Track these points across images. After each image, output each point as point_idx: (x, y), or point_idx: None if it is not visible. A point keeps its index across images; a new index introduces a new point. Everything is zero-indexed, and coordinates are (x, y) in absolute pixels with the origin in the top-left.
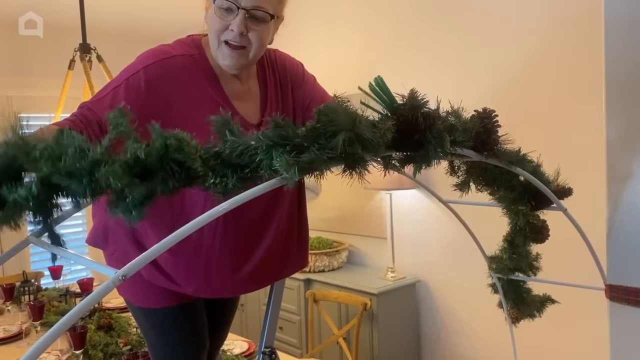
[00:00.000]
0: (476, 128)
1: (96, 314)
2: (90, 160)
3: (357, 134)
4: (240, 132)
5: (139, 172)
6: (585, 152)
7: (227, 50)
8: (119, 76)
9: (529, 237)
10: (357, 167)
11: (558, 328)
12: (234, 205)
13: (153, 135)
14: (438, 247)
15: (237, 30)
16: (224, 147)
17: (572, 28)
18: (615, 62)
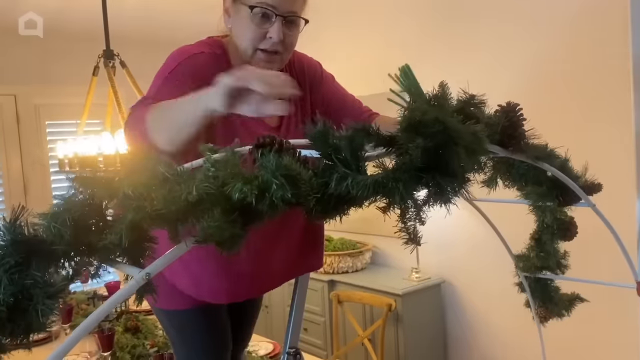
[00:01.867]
0: (501, 122)
1: (123, 316)
2: (183, 202)
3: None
4: None
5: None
6: (614, 147)
7: (264, 57)
8: (156, 80)
9: (557, 234)
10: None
11: (588, 327)
12: None
13: (261, 171)
14: (463, 246)
15: (277, 38)
16: (334, 187)
17: (599, 20)
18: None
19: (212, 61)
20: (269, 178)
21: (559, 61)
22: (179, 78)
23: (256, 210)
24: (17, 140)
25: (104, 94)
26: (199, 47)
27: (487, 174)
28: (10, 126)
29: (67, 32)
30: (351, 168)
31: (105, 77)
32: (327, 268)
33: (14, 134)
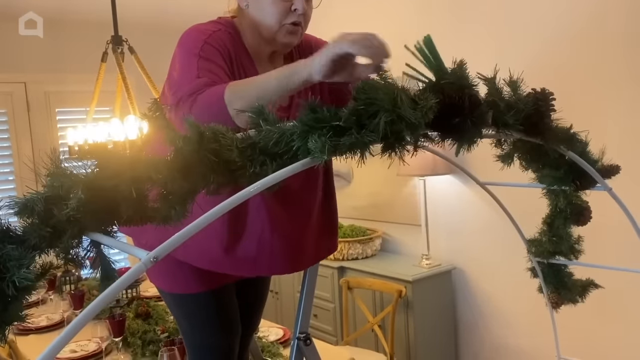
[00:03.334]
0: (528, 109)
1: (134, 302)
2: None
3: (399, 114)
4: (275, 119)
5: (178, 166)
6: (628, 130)
7: (292, 28)
8: (186, 59)
9: (570, 219)
10: (397, 148)
11: (602, 313)
12: (265, 186)
13: (188, 127)
14: (474, 233)
15: (301, 9)
16: (259, 136)
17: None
18: None
19: (230, 38)
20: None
21: (572, 41)
22: (212, 53)
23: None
24: (27, 127)
25: (113, 80)
26: (215, 25)
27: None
28: (20, 113)
29: (76, 19)
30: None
31: (114, 64)
32: (337, 255)
33: (25, 121)
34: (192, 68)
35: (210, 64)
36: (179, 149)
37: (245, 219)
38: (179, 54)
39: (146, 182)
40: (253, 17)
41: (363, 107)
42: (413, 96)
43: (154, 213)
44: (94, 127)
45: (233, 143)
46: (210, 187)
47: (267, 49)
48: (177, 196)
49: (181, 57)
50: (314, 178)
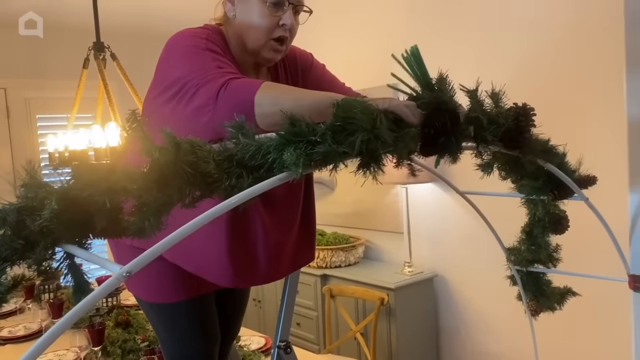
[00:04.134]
0: (508, 124)
1: (114, 311)
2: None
3: (377, 135)
4: (253, 133)
5: (154, 178)
6: (607, 140)
7: (277, 46)
8: (189, 57)
9: (548, 227)
10: (372, 166)
11: (580, 321)
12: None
13: (165, 138)
14: (455, 240)
15: (289, 25)
16: (236, 149)
17: (593, 13)
18: (637, 48)
19: (220, 43)
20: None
21: (553, 51)
22: (217, 49)
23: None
24: (7, 133)
25: (95, 86)
26: (205, 30)
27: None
28: (0, 120)
29: (58, 25)
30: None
31: (96, 70)
32: (320, 262)
33: (4, 128)
34: (207, 60)
35: (223, 59)
36: (155, 160)
37: (247, 231)
38: (182, 52)
39: (121, 193)
40: (239, 28)
41: (340, 124)
42: (394, 119)
43: (129, 225)
44: (74, 134)
45: (210, 155)
46: (186, 200)
47: (250, 60)
48: (152, 208)
49: (187, 53)
50: (297, 188)
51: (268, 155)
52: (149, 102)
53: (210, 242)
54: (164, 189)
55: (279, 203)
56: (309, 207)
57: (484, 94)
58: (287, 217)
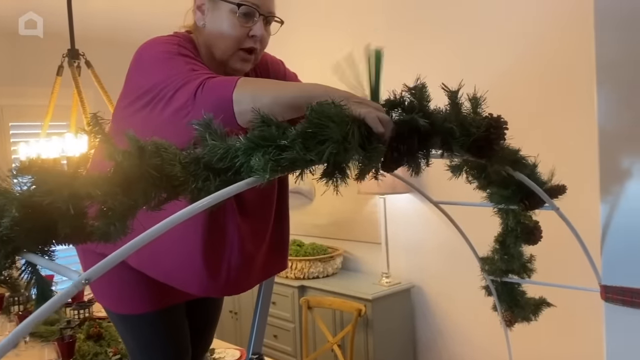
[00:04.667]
0: (478, 133)
1: (86, 323)
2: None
3: (346, 148)
4: (223, 134)
5: (118, 182)
6: (579, 150)
7: (245, 56)
8: (166, 59)
9: (520, 237)
10: (336, 176)
11: (555, 331)
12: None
13: (129, 141)
14: (433, 251)
15: (260, 36)
16: (204, 151)
17: (565, 25)
18: (607, 60)
19: (191, 50)
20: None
21: (526, 63)
22: (189, 54)
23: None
24: None
25: (69, 94)
26: (175, 37)
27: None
28: None
29: None
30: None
31: (70, 78)
32: (298, 273)
33: None
34: (180, 65)
35: (197, 62)
36: (119, 163)
37: (223, 239)
38: (154, 58)
39: (85, 198)
40: (209, 37)
41: (312, 131)
42: (366, 134)
43: (93, 230)
44: (47, 142)
45: (176, 157)
46: (151, 203)
47: (220, 70)
48: (116, 212)
49: (159, 59)
50: (270, 198)
51: (236, 159)
52: (119, 111)
53: (184, 248)
54: (129, 193)
55: (253, 213)
56: (282, 217)
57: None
58: (261, 227)
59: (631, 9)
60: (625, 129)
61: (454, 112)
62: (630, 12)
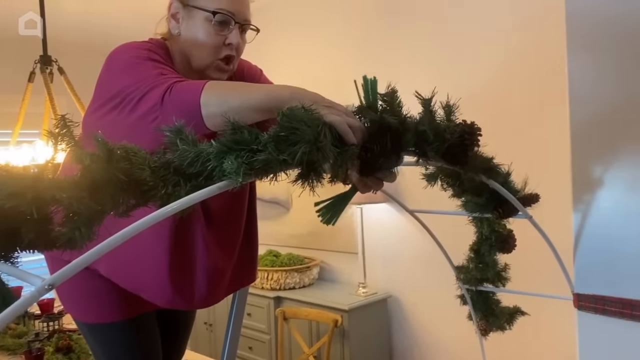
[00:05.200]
0: (452, 139)
1: (55, 336)
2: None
3: (319, 148)
4: (194, 139)
5: (85, 186)
6: (552, 159)
7: (223, 66)
8: (135, 64)
9: (495, 246)
10: (311, 177)
11: (529, 340)
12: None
13: (97, 145)
14: (410, 261)
15: (236, 44)
16: (174, 156)
17: (540, 36)
18: (578, 68)
19: (164, 56)
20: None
21: (501, 71)
22: (159, 59)
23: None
24: None
25: (42, 101)
26: (147, 44)
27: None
28: None
29: (3, 36)
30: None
31: (42, 85)
32: (274, 284)
33: None
34: (148, 69)
35: (166, 67)
36: (87, 166)
37: (189, 251)
38: (124, 63)
39: (49, 202)
40: (184, 46)
41: (284, 135)
42: (337, 135)
43: (58, 235)
44: (17, 149)
45: (145, 162)
46: (119, 209)
47: (195, 77)
48: (83, 217)
49: (128, 64)
50: (239, 209)
51: (208, 163)
52: (88, 116)
53: (150, 258)
54: (96, 198)
55: (222, 227)
56: (252, 228)
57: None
58: (231, 241)
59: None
60: (597, 138)
61: (428, 118)
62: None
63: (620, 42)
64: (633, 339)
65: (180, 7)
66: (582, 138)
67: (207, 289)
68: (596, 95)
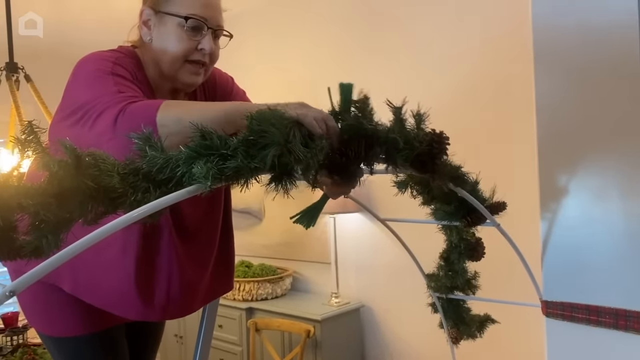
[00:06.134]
0: (421, 148)
1: (19, 350)
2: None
3: (290, 149)
4: (161, 145)
5: (53, 193)
6: (520, 168)
7: (194, 69)
8: (98, 80)
9: (464, 254)
10: (284, 180)
11: (499, 347)
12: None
13: (65, 151)
14: (382, 270)
15: (208, 49)
16: (142, 162)
17: (506, 49)
18: (544, 77)
19: (134, 65)
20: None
21: (469, 81)
22: (124, 74)
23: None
24: None
25: (7, 110)
26: (117, 53)
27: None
28: None
29: None
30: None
31: (7, 92)
32: (246, 295)
33: None
34: (108, 85)
35: (127, 83)
36: (54, 173)
37: (157, 260)
38: (87, 75)
39: (15, 209)
40: (156, 52)
41: (253, 138)
42: (307, 133)
43: (24, 244)
44: None
45: (114, 169)
46: (88, 216)
47: (168, 85)
48: (50, 225)
49: (91, 77)
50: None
51: (177, 169)
52: (55, 124)
53: (117, 274)
54: (64, 205)
55: (195, 237)
56: (227, 240)
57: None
58: (205, 253)
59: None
60: (562, 148)
61: (398, 126)
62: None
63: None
64: (600, 345)
65: (152, 14)
66: (549, 147)
67: (180, 301)
68: (562, 104)
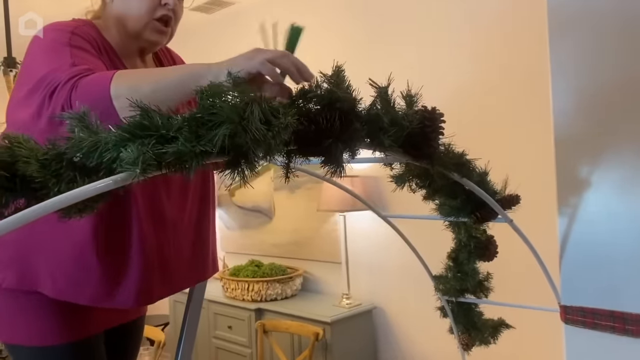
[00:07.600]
0: (412, 127)
1: None
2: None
3: (245, 127)
4: (97, 126)
5: None
6: (535, 157)
7: (159, 26)
8: (55, 50)
9: (474, 253)
10: (242, 164)
11: (513, 353)
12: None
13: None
14: (395, 270)
15: (171, 4)
16: (66, 146)
17: (521, 34)
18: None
19: (94, 33)
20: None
21: (483, 72)
22: (82, 43)
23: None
24: None
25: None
26: (75, 22)
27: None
28: None
29: None
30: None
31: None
32: (255, 295)
33: None
34: (64, 57)
35: (84, 54)
36: None
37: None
38: (43, 47)
39: None
40: (119, 11)
41: (202, 116)
42: (272, 109)
43: None
44: None
45: (32, 154)
46: (5, 210)
47: (134, 46)
48: None
49: (47, 49)
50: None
51: (106, 153)
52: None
53: (86, 258)
54: None
55: (165, 222)
56: (202, 226)
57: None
58: (180, 238)
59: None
60: (581, 136)
61: (384, 106)
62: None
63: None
64: (626, 358)
65: None
66: (567, 136)
67: (147, 284)
68: (581, 92)
